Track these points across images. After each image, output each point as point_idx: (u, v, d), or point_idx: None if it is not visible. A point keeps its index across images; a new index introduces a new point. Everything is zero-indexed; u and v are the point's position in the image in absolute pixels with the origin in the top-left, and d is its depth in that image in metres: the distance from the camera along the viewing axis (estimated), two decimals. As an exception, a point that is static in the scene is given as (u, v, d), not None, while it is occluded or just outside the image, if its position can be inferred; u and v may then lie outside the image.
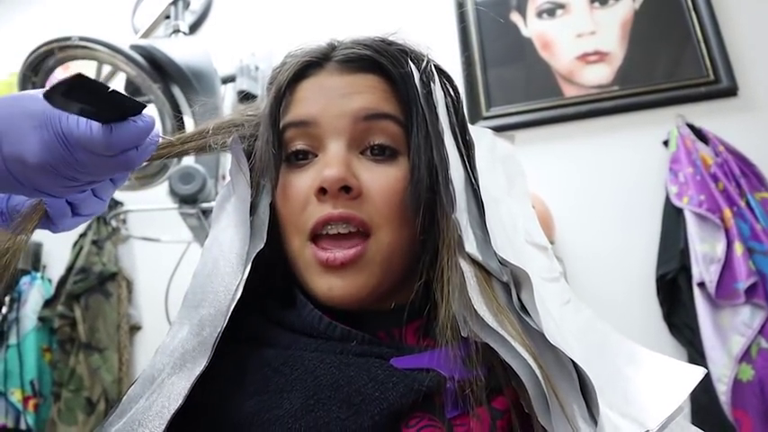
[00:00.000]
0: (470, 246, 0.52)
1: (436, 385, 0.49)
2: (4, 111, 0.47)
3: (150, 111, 0.62)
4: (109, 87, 0.44)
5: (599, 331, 0.55)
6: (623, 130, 1.92)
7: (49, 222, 0.67)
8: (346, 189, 0.54)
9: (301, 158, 0.58)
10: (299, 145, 0.58)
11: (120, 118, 0.46)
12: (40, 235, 0.64)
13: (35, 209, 0.63)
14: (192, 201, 1.64)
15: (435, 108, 0.57)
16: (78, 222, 0.70)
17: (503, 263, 0.52)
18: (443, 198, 0.54)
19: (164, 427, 0.46)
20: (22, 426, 2.10)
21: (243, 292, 0.53)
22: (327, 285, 0.54)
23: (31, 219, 0.62)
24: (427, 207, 0.55)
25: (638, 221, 1.81)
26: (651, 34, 2.00)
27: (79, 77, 0.41)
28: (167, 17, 1.95)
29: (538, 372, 0.45)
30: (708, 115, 1.84)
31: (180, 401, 0.47)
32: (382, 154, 0.57)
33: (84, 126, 0.46)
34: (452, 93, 0.62)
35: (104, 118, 0.46)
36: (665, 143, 1.84)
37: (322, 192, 0.54)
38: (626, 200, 1.84)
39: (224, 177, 1.74)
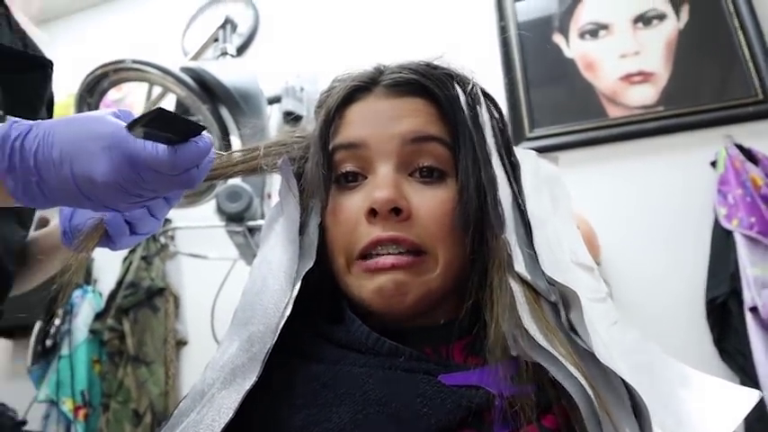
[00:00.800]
0: (519, 265, 0.53)
1: (485, 402, 0.49)
2: (73, 134, 0.50)
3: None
4: (179, 116, 0.47)
5: (647, 352, 0.55)
6: (669, 152, 1.89)
7: (109, 241, 0.70)
8: (396, 211, 0.54)
9: (351, 180, 0.59)
10: (349, 167, 0.59)
11: (182, 140, 0.49)
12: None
13: (96, 228, 0.66)
14: (238, 219, 1.67)
15: (482, 130, 0.58)
16: (136, 241, 0.73)
17: (551, 282, 0.52)
18: (492, 219, 0.55)
19: None
20: (72, 435, 2.16)
21: (292, 309, 0.54)
22: (377, 285, 0.54)
23: (91, 237, 0.65)
24: (476, 228, 0.55)
25: (686, 244, 1.77)
26: (697, 54, 1.97)
27: (161, 112, 0.44)
28: (216, 40, 2.01)
29: (590, 392, 0.45)
30: (757, 135, 1.80)
31: (230, 415, 0.48)
32: (430, 176, 0.57)
33: (150, 148, 0.48)
34: (497, 115, 0.63)
35: (170, 140, 0.49)
36: (713, 164, 1.80)
37: (372, 213, 0.55)
38: (673, 222, 1.81)
39: (270, 196, 1.77)
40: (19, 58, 0.83)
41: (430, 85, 0.60)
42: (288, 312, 0.54)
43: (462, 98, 0.59)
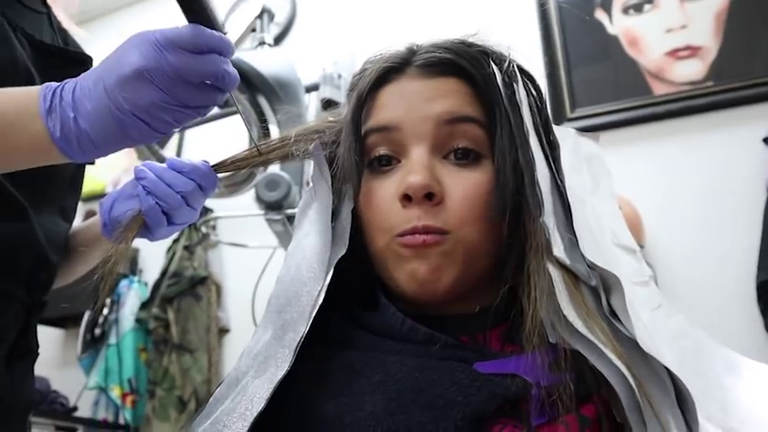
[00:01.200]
0: (558, 250, 0.51)
1: (521, 391, 0.47)
2: (107, 60, 0.57)
3: (238, 120, 0.66)
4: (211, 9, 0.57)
5: (692, 337, 0.52)
6: (718, 129, 1.82)
7: (147, 232, 0.71)
8: (429, 196, 0.53)
9: (384, 164, 0.58)
10: (382, 150, 0.58)
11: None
12: (137, 241, 0.68)
13: (135, 219, 0.67)
14: (277, 207, 1.68)
15: (519, 109, 0.56)
16: (173, 231, 0.74)
17: (591, 266, 0.50)
18: (530, 201, 0.53)
19: (246, 429, 0.47)
20: (121, 420, 2.23)
21: (325, 296, 0.54)
22: (411, 269, 0.53)
23: (130, 228, 0.66)
24: (513, 210, 0.54)
25: (737, 225, 1.71)
26: (749, 25, 1.88)
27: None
28: (253, 30, 2.02)
29: (631, 380, 0.43)
30: (815, 109, 1.72)
31: (262, 404, 0.48)
32: (466, 158, 0.56)
33: (174, 29, 0.55)
34: (535, 93, 0.60)
35: (192, 18, 0.56)
36: (766, 140, 1.73)
37: (407, 199, 0.53)
38: (723, 202, 1.75)
39: (308, 184, 1.77)
40: (59, 54, 0.84)
41: (464, 63, 0.58)
42: (320, 300, 0.53)
43: (498, 76, 0.57)
